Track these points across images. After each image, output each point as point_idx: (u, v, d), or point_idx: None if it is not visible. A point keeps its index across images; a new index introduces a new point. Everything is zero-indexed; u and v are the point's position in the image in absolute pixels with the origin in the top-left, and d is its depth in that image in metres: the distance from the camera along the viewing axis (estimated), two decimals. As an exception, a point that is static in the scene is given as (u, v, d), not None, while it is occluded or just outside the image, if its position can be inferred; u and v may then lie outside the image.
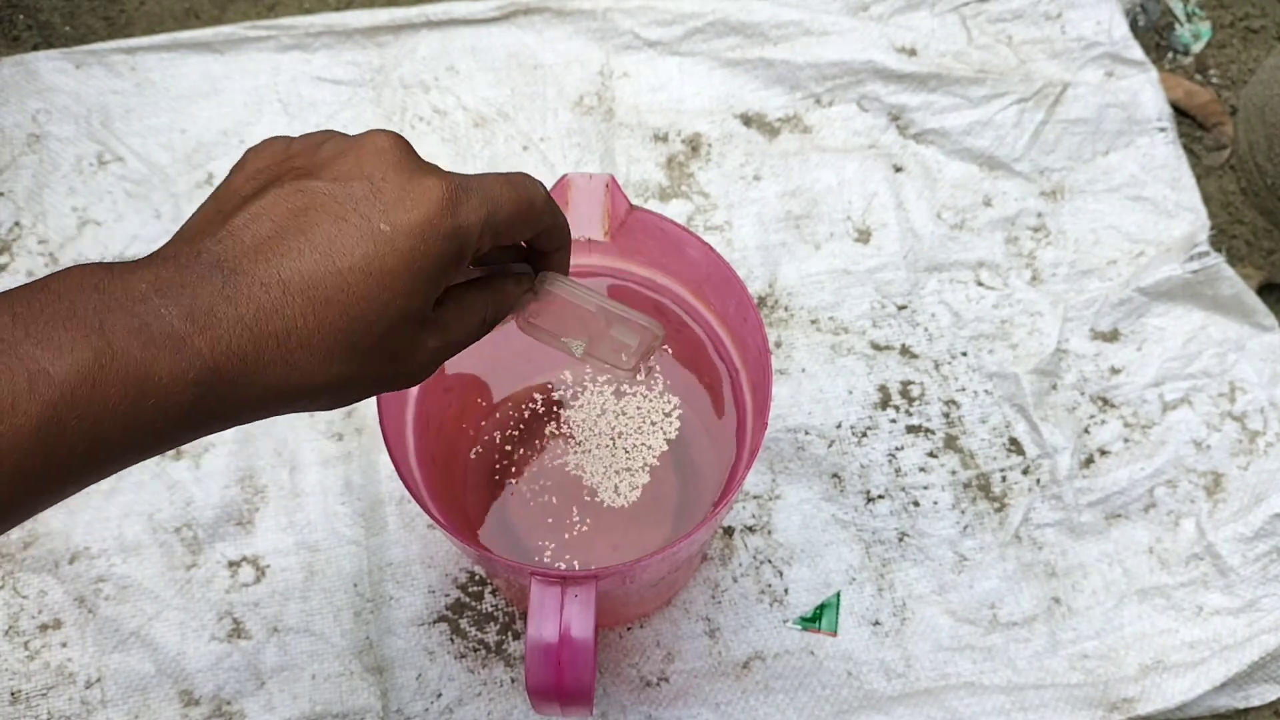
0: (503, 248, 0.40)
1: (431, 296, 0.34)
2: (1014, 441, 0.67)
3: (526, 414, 0.59)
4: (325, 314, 0.31)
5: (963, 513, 0.65)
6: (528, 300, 0.42)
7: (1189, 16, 0.81)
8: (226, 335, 0.30)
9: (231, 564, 0.63)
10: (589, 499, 0.57)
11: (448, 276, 0.34)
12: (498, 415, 0.60)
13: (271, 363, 0.31)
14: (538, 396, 0.60)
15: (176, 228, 0.71)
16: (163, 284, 0.30)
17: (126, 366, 0.28)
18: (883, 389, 0.68)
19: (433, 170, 0.34)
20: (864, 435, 0.67)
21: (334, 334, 0.32)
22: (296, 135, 0.36)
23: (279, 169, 0.34)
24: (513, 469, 0.58)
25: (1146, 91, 0.76)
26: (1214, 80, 0.80)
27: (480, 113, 0.75)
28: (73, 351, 0.28)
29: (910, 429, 0.67)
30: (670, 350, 0.59)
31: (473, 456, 0.58)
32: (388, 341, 0.33)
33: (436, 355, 0.36)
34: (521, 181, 0.37)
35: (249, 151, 0.35)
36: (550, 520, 0.57)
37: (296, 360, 0.31)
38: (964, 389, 0.68)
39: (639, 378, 0.59)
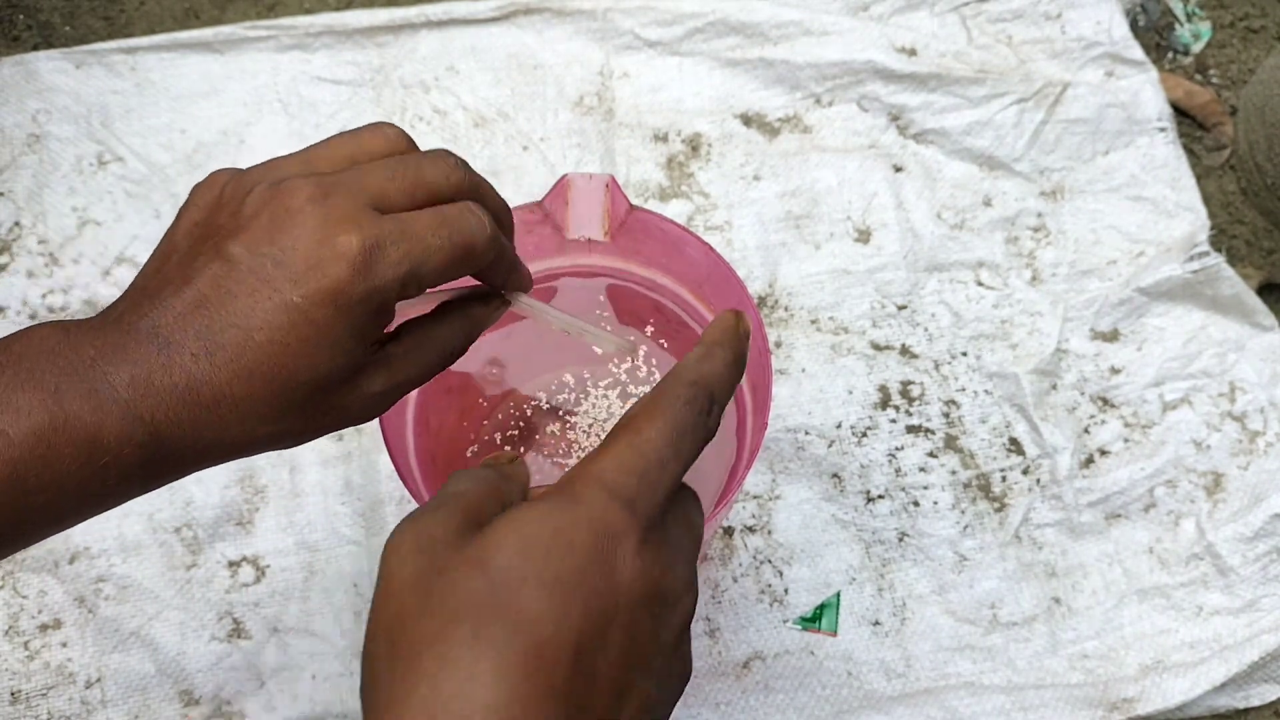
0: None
1: (357, 354, 0.34)
2: (1014, 441, 0.67)
3: (529, 413, 0.59)
4: (250, 383, 0.32)
5: (963, 513, 0.65)
6: (500, 316, 0.40)
7: (1189, 16, 0.81)
8: (164, 403, 0.32)
9: (231, 564, 0.63)
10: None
11: (372, 332, 0.34)
12: (499, 415, 0.60)
13: (207, 426, 0.33)
14: (540, 395, 0.60)
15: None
16: (109, 349, 0.32)
17: (79, 429, 0.31)
18: (883, 389, 0.68)
19: (351, 224, 0.32)
20: (864, 435, 0.67)
21: (261, 400, 0.33)
22: (242, 168, 0.35)
23: (208, 225, 0.34)
24: (513, 469, 0.58)
25: (1146, 91, 0.76)
26: (1214, 80, 0.80)
27: (480, 113, 0.75)
28: (30, 415, 0.30)
29: (910, 429, 0.67)
30: (668, 347, 0.59)
31: (469, 455, 0.58)
32: (317, 400, 0.34)
33: (384, 398, 0.36)
34: (460, 223, 0.34)
35: (194, 190, 0.35)
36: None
37: (229, 423, 0.33)
38: (964, 389, 0.68)
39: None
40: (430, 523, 0.28)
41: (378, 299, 0.33)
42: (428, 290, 0.35)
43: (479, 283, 0.39)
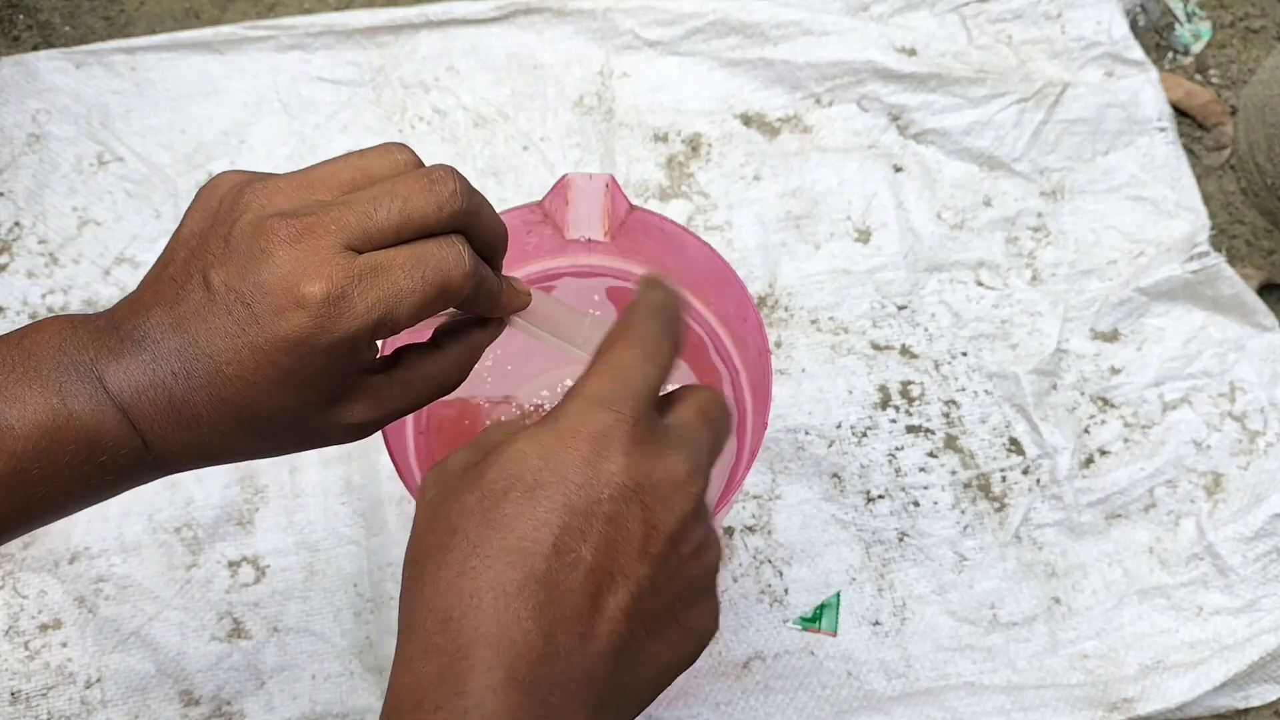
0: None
1: (330, 391, 0.34)
2: (1014, 441, 0.67)
3: (530, 413, 0.59)
4: (224, 409, 0.33)
5: (963, 513, 0.65)
6: (498, 336, 0.40)
7: (1189, 16, 0.81)
8: (149, 414, 0.33)
9: (231, 564, 0.63)
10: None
11: (346, 370, 0.34)
12: (500, 415, 0.60)
13: (189, 440, 0.34)
14: (542, 395, 0.60)
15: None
16: (107, 352, 0.33)
17: (79, 427, 0.33)
18: (883, 389, 0.68)
19: (319, 272, 0.32)
20: (864, 435, 0.67)
21: (235, 424, 0.34)
22: (249, 176, 0.35)
23: (204, 239, 0.34)
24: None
25: (1146, 91, 0.76)
26: (1214, 80, 0.80)
27: (480, 113, 0.75)
28: (35, 412, 0.32)
29: (910, 429, 0.67)
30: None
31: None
32: (291, 429, 0.35)
33: (369, 426, 0.36)
34: (438, 262, 0.34)
35: (200, 192, 0.35)
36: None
37: (209, 439, 0.34)
38: (964, 389, 0.68)
39: None
40: (450, 461, 0.33)
41: (345, 345, 0.33)
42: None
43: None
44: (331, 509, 0.64)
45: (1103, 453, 0.67)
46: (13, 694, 0.60)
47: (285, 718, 0.60)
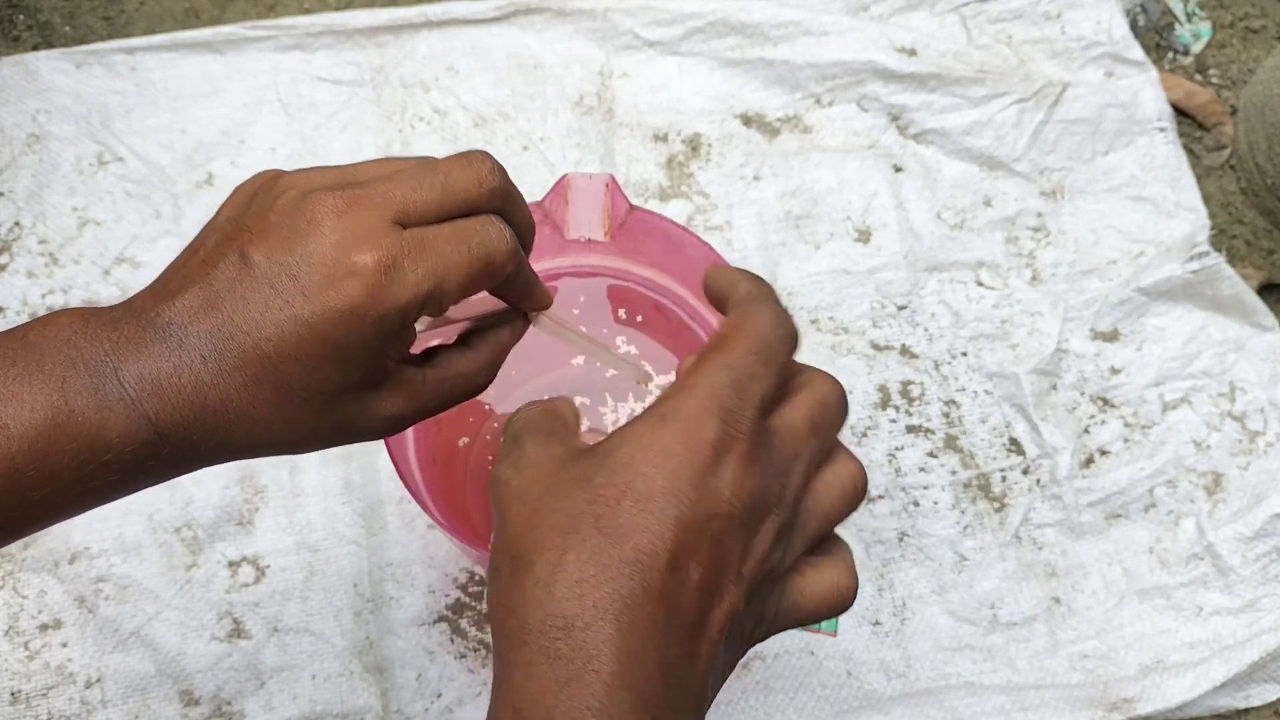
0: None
1: (370, 372, 0.34)
2: (1014, 441, 0.67)
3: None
4: (257, 391, 0.32)
5: (963, 513, 0.65)
6: (522, 336, 0.40)
7: (1189, 16, 0.81)
8: (171, 403, 0.32)
9: (231, 564, 0.63)
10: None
11: (389, 350, 0.34)
12: (502, 415, 0.60)
13: (214, 429, 0.32)
14: (542, 395, 0.60)
15: (176, 228, 0.71)
16: (123, 343, 0.32)
17: (81, 425, 0.31)
18: (883, 389, 0.68)
19: (369, 242, 0.32)
20: (864, 435, 0.67)
21: (267, 407, 0.33)
22: (285, 170, 0.35)
23: (237, 223, 0.33)
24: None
25: (1146, 91, 0.76)
26: (1214, 80, 0.80)
27: (480, 113, 0.75)
28: (32, 410, 0.31)
29: (910, 429, 0.67)
30: (669, 347, 0.59)
31: (461, 445, 0.58)
32: (326, 413, 0.34)
33: (400, 421, 0.36)
34: (481, 236, 0.34)
35: (237, 187, 0.35)
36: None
37: (235, 429, 0.33)
38: (964, 389, 0.68)
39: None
40: (528, 451, 0.32)
41: (395, 318, 0.32)
42: (449, 311, 0.35)
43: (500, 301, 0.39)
44: (331, 509, 0.64)
45: (1103, 453, 0.67)
46: (13, 694, 0.60)
47: (285, 718, 0.60)
